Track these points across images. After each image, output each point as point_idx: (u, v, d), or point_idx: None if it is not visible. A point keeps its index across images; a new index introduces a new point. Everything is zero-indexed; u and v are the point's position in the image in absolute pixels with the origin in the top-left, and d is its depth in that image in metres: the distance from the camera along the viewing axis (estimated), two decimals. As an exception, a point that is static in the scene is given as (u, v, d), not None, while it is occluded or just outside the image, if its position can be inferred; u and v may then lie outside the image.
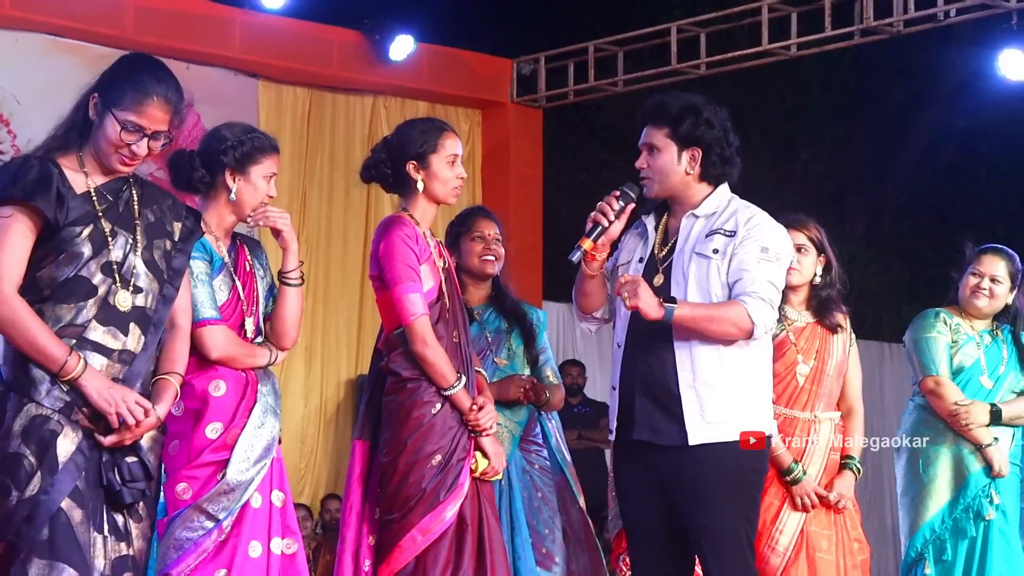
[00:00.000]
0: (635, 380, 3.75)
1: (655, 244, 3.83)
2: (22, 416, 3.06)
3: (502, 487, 4.52)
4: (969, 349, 4.90)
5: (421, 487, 3.84)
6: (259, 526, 3.63)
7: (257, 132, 3.82)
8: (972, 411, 4.79)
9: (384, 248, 3.93)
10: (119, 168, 3.20)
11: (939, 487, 4.83)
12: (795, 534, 4.37)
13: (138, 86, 3.17)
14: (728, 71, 9.41)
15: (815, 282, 4.50)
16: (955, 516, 4.81)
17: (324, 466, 8.97)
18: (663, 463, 3.71)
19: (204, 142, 3.81)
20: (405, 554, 3.84)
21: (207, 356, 3.62)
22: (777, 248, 3.74)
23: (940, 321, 4.91)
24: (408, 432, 3.87)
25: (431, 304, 3.94)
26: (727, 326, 3.65)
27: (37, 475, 3.03)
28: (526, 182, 9.67)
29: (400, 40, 8.83)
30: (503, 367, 4.62)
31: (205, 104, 8.41)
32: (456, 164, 4.03)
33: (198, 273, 3.63)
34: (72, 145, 3.20)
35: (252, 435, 3.63)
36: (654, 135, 3.79)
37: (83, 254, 3.12)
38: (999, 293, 4.90)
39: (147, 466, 3.17)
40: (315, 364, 8.89)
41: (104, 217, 3.16)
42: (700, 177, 3.79)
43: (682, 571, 3.83)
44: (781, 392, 4.40)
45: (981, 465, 4.82)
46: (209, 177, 3.75)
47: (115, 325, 3.14)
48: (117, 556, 3.14)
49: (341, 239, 9.02)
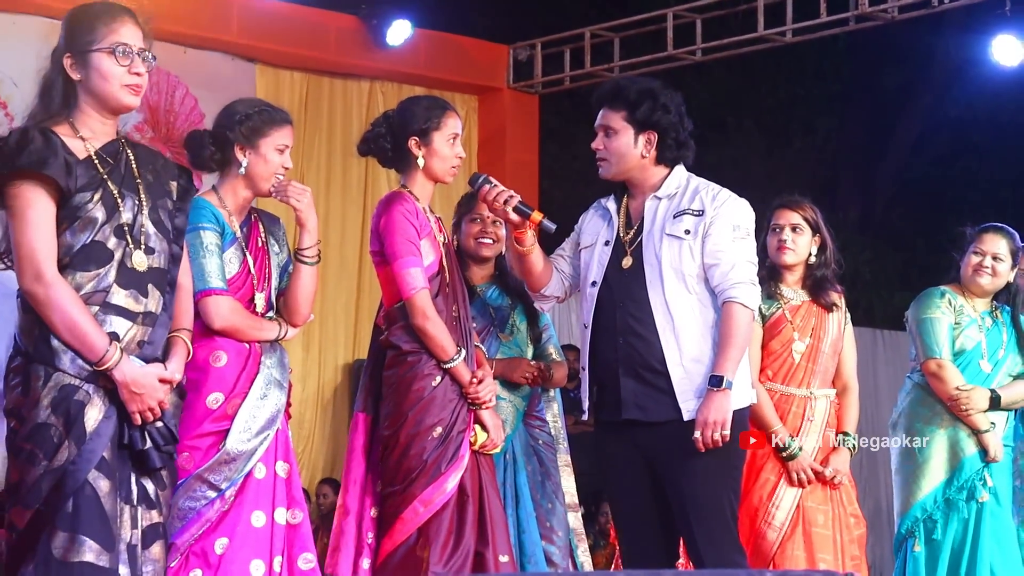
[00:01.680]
0: (615, 362, 3.80)
1: (619, 227, 3.90)
2: (51, 385, 3.04)
3: (507, 461, 4.57)
4: (971, 332, 4.93)
5: (422, 459, 3.88)
6: (263, 496, 3.66)
7: (267, 105, 3.85)
8: (973, 397, 4.83)
9: (385, 223, 3.96)
10: (130, 102, 3.16)
11: (934, 467, 4.87)
12: (791, 509, 4.43)
13: (104, 15, 3.15)
14: (723, 57, 9.44)
15: (810, 261, 4.56)
16: (948, 497, 4.86)
17: (321, 450, 8.99)
18: (651, 440, 3.78)
19: (217, 119, 3.84)
20: (407, 526, 3.88)
21: (210, 325, 3.64)
22: (746, 224, 3.84)
23: (945, 302, 4.95)
24: (409, 405, 3.91)
25: (431, 278, 3.98)
26: (746, 332, 3.77)
27: (65, 445, 3.03)
28: (522, 168, 9.70)
29: (397, 25, 8.85)
30: (507, 343, 4.66)
31: (202, 88, 8.45)
32: (456, 144, 4.07)
33: (208, 243, 3.65)
34: (60, 113, 3.15)
35: (254, 406, 3.66)
36: (611, 117, 3.87)
37: (97, 219, 3.10)
38: (1001, 271, 4.94)
39: (171, 430, 3.17)
40: (312, 348, 8.92)
41: (110, 180, 3.14)
42: (656, 160, 3.87)
43: (668, 546, 3.90)
44: (777, 369, 4.46)
45: (977, 449, 4.86)
46: (220, 153, 3.78)
47: (135, 288, 3.13)
48: (148, 524, 3.14)
49: (339, 224, 9.05)
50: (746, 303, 3.76)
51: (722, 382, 3.70)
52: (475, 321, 4.58)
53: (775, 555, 4.37)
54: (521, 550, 4.47)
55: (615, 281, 3.83)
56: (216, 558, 3.57)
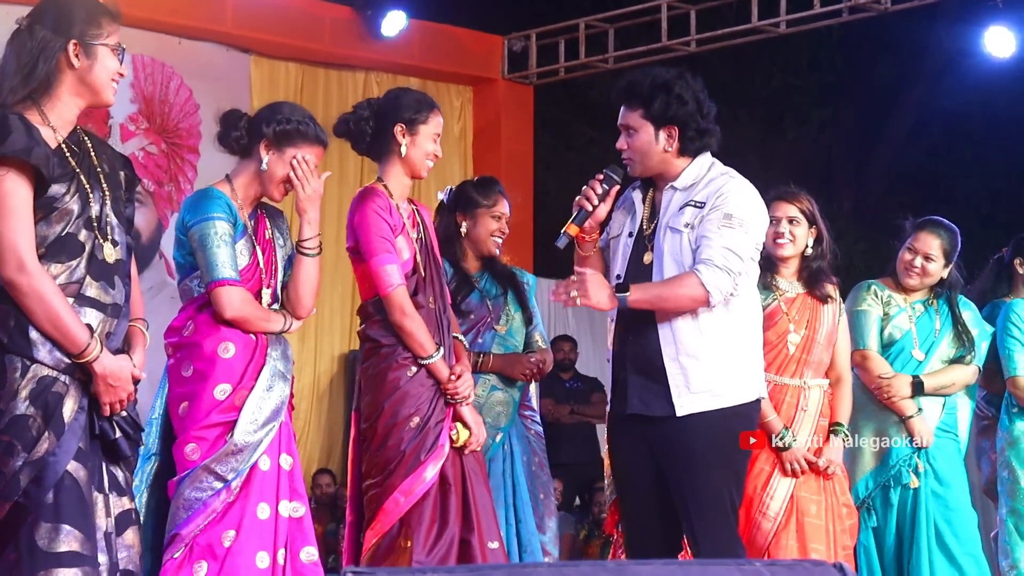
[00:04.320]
0: (624, 355, 3.82)
1: (643, 219, 3.86)
2: (29, 377, 3.04)
3: (505, 452, 4.60)
4: (900, 321, 4.97)
5: (400, 449, 3.90)
6: (267, 488, 3.67)
7: (312, 121, 3.82)
8: (894, 384, 4.87)
9: (359, 220, 3.98)
10: (105, 98, 3.16)
11: (865, 456, 4.91)
12: (785, 499, 4.46)
13: (106, 14, 3.17)
14: (717, 48, 9.46)
15: (806, 253, 4.58)
16: (880, 484, 4.90)
17: (317, 441, 9.00)
18: (653, 434, 3.79)
19: (260, 110, 3.86)
20: (389, 517, 3.90)
21: (221, 315, 3.64)
22: (742, 215, 3.74)
23: (871, 294, 4.99)
24: (385, 395, 3.94)
25: (407, 275, 3.99)
26: (681, 300, 3.70)
27: (45, 436, 3.03)
28: (516, 159, 9.71)
29: (392, 16, 8.85)
30: (503, 334, 4.68)
31: (197, 79, 8.45)
32: (437, 142, 4.08)
33: (222, 233, 3.65)
34: (30, 97, 3.08)
35: (260, 397, 3.66)
36: (629, 116, 3.81)
37: (73, 211, 3.08)
38: (932, 271, 4.96)
39: (135, 419, 3.19)
40: (308, 339, 8.93)
41: (80, 171, 3.12)
42: (679, 152, 3.81)
43: (672, 539, 3.90)
44: (772, 360, 4.48)
45: (904, 436, 4.89)
46: (246, 140, 3.79)
47: (105, 279, 3.13)
48: (120, 511, 3.16)
49: (335, 215, 9.02)
50: (705, 281, 3.66)
51: (624, 291, 3.66)
52: (472, 312, 4.61)
53: (770, 545, 4.40)
54: (519, 540, 4.50)
55: (632, 276, 3.80)
56: (223, 551, 3.58)
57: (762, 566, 2.32)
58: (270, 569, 3.64)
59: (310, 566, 3.73)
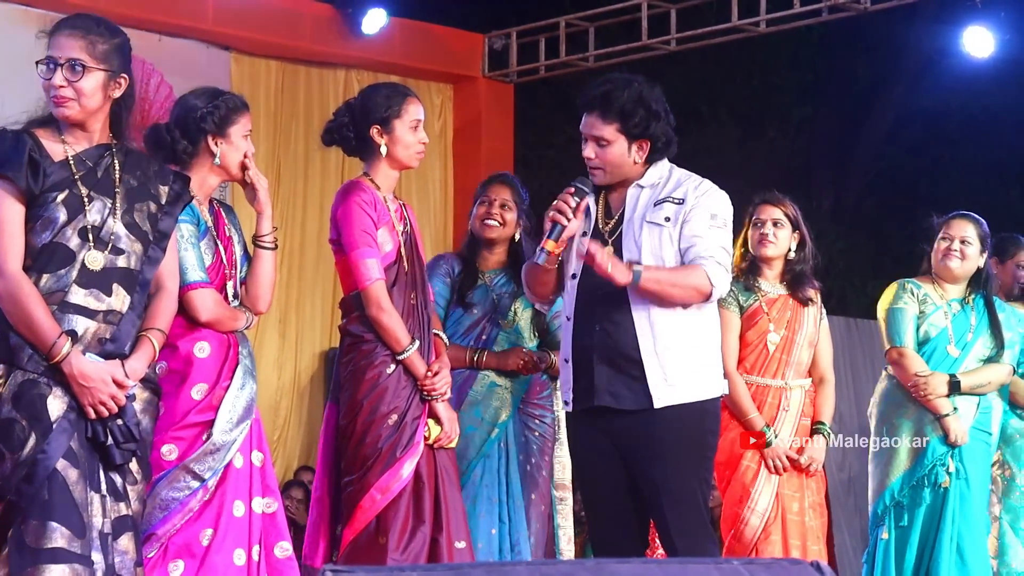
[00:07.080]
0: (591, 349, 3.80)
1: (598, 217, 3.89)
2: (10, 382, 3.11)
3: (501, 449, 4.61)
4: (936, 319, 4.99)
5: (377, 447, 3.92)
6: (241, 486, 3.68)
7: (226, 94, 3.86)
8: (931, 382, 4.90)
9: (342, 213, 4.01)
10: (56, 112, 3.24)
11: (901, 455, 4.94)
12: (772, 496, 4.50)
13: (53, 29, 3.26)
14: (698, 47, 9.48)
15: (789, 257, 4.65)
16: (912, 484, 4.93)
17: (296, 438, 8.99)
18: (623, 428, 3.78)
19: (177, 112, 3.84)
20: (366, 514, 3.91)
21: (196, 319, 3.66)
22: (724, 215, 3.83)
23: (908, 292, 5.02)
24: (363, 393, 3.96)
25: (388, 267, 4.01)
26: (689, 289, 3.73)
27: (31, 438, 3.08)
28: (497, 157, 9.71)
29: (372, 14, 8.83)
30: (507, 330, 4.69)
31: (177, 76, 8.41)
32: (419, 129, 4.10)
33: (188, 236, 3.67)
34: (51, 117, 3.26)
35: (235, 396, 3.68)
36: (603, 129, 3.80)
37: (58, 219, 3.16)
38: (970, 254, 4.99)
39: (131, 429, 3.21)
40: (289, 336, 8.92)
41: (81, 182, 3.20)
42: (646, 161, 3.85)
43: (639, 534, 3.91)
44: (753, 360, 4.52)
45: (940, 434, 4.93)
46: (192, 146, 3.79)
47: (96, 287, 3.18)
48: (117, 516, 3.19)
49: (316, 212, 9.04)
50: (711, 274, 3.72)
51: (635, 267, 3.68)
52: (475, 308, 4.62)
53: (758, 541, 4.43)
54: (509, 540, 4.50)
55: (590, 273, 3.80)
56: (201, 549, 3.59)
57: (740, 564, 2.33)
58: (246, 566, 3.65)
59: (285, 561, 3.74)
